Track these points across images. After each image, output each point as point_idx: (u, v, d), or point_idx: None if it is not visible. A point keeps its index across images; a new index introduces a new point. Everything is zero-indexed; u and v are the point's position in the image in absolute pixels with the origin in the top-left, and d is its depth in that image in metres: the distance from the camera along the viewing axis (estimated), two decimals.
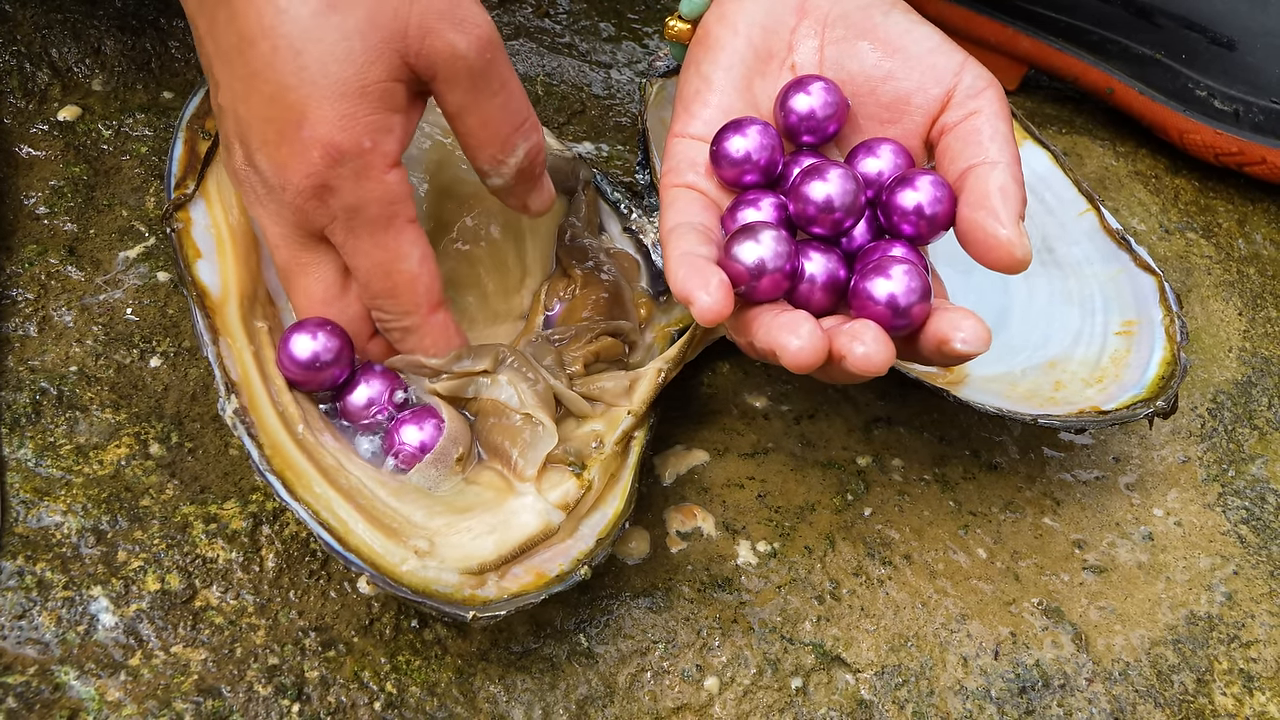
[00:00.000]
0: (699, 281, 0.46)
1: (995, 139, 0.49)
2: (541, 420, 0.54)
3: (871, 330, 0.45)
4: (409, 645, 0.52)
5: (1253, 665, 0.58)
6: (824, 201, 0.49)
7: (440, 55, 0.49)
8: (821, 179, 0.49)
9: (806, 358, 0.45)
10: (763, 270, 0.47)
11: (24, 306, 0.59)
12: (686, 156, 0.54)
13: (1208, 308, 0.74)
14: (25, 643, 0.49)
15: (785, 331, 0.45)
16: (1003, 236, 0.47)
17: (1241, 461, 0.67)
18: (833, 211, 0.49)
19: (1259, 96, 0.78)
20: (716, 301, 0.45)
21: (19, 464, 0.54)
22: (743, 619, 0.55)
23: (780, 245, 0.47)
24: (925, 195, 0.49)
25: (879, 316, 0.46)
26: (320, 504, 0.49)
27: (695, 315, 0.46)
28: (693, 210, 0.52)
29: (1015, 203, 0.47)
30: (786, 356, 0.45)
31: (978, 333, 0.45)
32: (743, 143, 0.51)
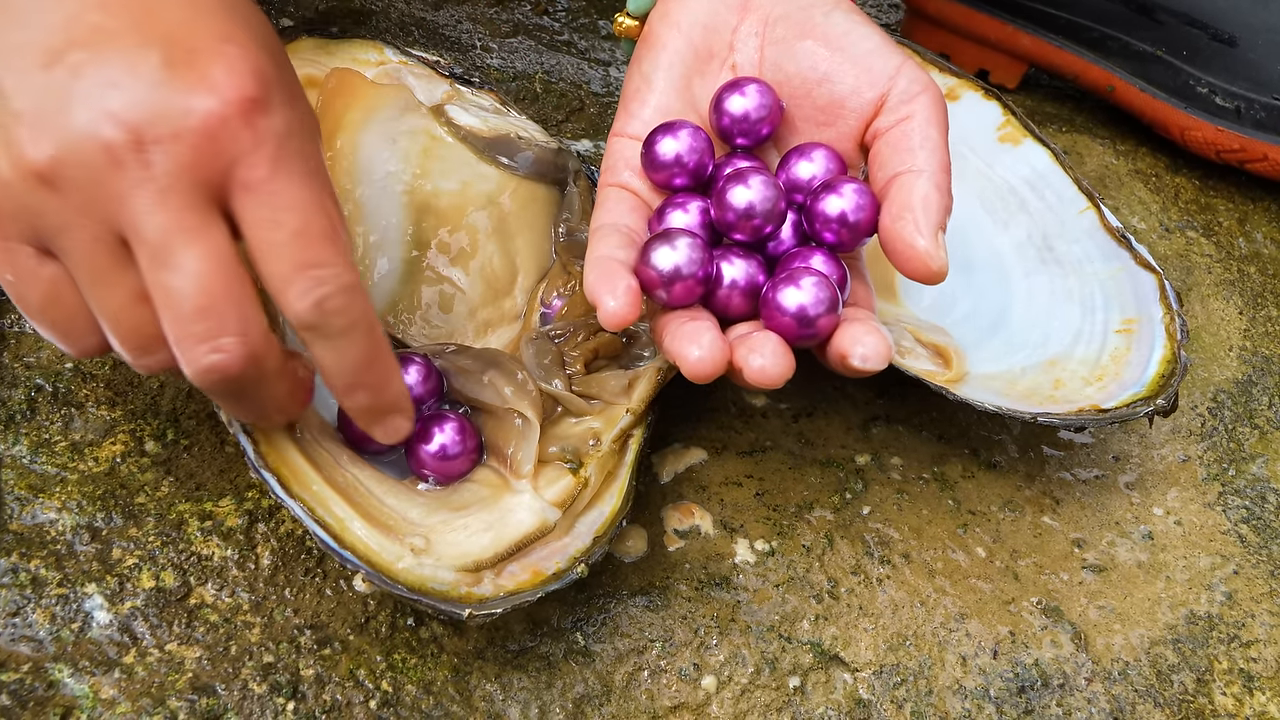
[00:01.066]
0: (607, 286, 0.47)
1: (924, 146, 0.49)
2: (525, 414, 0.54)
3: (771, 343, 0.46)
4: (405, 643, 0.52)
5: (1253, 665, 0.57)
6: (745, 208, 0.49)
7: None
8: (743, 185, 0.49)
9: (705, 369, 0.45)
10: (677, 277, 0.48)
11: None
12: (623, 156, 0.54)
13: (1208, 306, 0.74)
14: (19, 640, 0.49)
15: (687, 341, 0.46)
16: (920, 247, 0.47)
17: (1242, 460, 0.66)
18: (753, 218, 0.49)
19: (1260, 93, 0.77)
20: (621, 307, 0.46)
21: (14, 460, 0.54)
22: (740, 618, 0.55)
23: (695, 252, 0.48)
24: (848, 203, 0.49)
25: (786, 327, 0.47)
26: (316, 501, 0.49)
27: (600, 319, 0.47)
28: (621, 211, 0.52)
29: (936, 213, 0.48)
30: (685, 366, 0.46)
31: (878, 349, 0.46)
32: (673, 145, 0.52)
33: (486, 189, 0.62)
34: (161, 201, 0.40)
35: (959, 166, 0.71)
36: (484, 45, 0.81)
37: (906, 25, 0.90)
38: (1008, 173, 0.71)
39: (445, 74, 0.67)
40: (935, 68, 0.74)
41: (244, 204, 0.42)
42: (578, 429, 0.55)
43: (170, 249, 0.41)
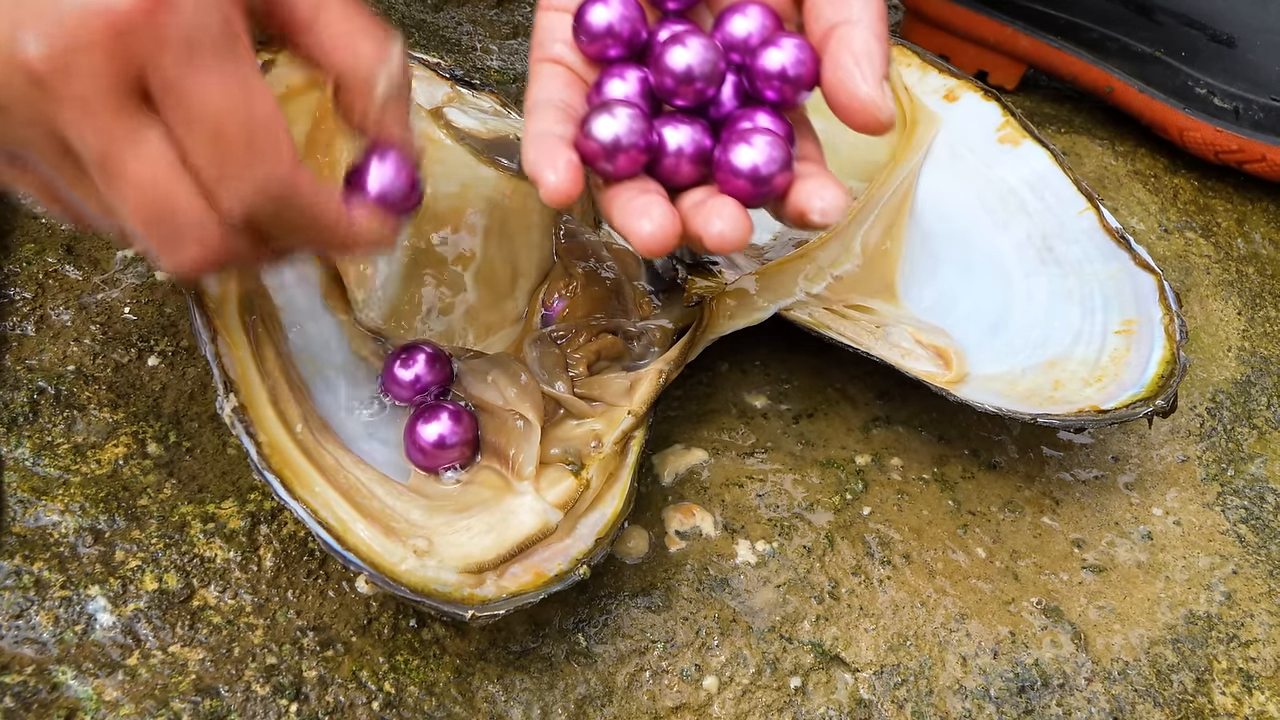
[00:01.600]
0: (548, 161, 0.45)
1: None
2: (526, 416, 0.54)
3: (729, 207, 0.45)
4: (407, 645, 0.52)
5: (1252, 664, 0.58)
6: (684, 71, 0.48)
7: None
8: (681, 47, 0.48)
9: (656, 243, 0.45)
10: (619, 147, 0.46)
11: (21, 305, 0.59)
12: (553, 29, 0.52)
13: (1207, 307, 0.74)
14: (23, 642, 0.49)
15: (637, 215, 0.45)
16: (864, 95, 0.46)
17: (1240, 461, 0.66)
18: (694, 81, 0.48)
19: (1259, 94, 0.77)
20: (563, 181, 0.45)
21: (16, 463, 0.54)
22: (741, 619, 0.55)
23: (636, 121, 0.47)
24: (789, 57, 0.48)
25: (741, 189, 0.46)
26: (319, 503, 0.49)
27: (542, 195, 0.45)
28: (555, 86, 0.50)
29: (878, 63, 0.47)
30: (637, 241, 0.45)
31: (836, 201, 0.45)
32: (605, 13, 0.50)
33: (486, 191, 0.62)
34: (86, 115, 0.39)
35: (958, 167, 0.72)
36: (484, 47, 0.81)
37: (905, 26, 0.90)
38: (1007, 173, 0.71)
39: (446, 76, 0.67)
40: (935, 68, 0.74)
41: (161, 108, 0.40)
42: (580, 430, 0.56)
43: (107, 164, 0.40)
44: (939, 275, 0.68)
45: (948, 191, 0.71)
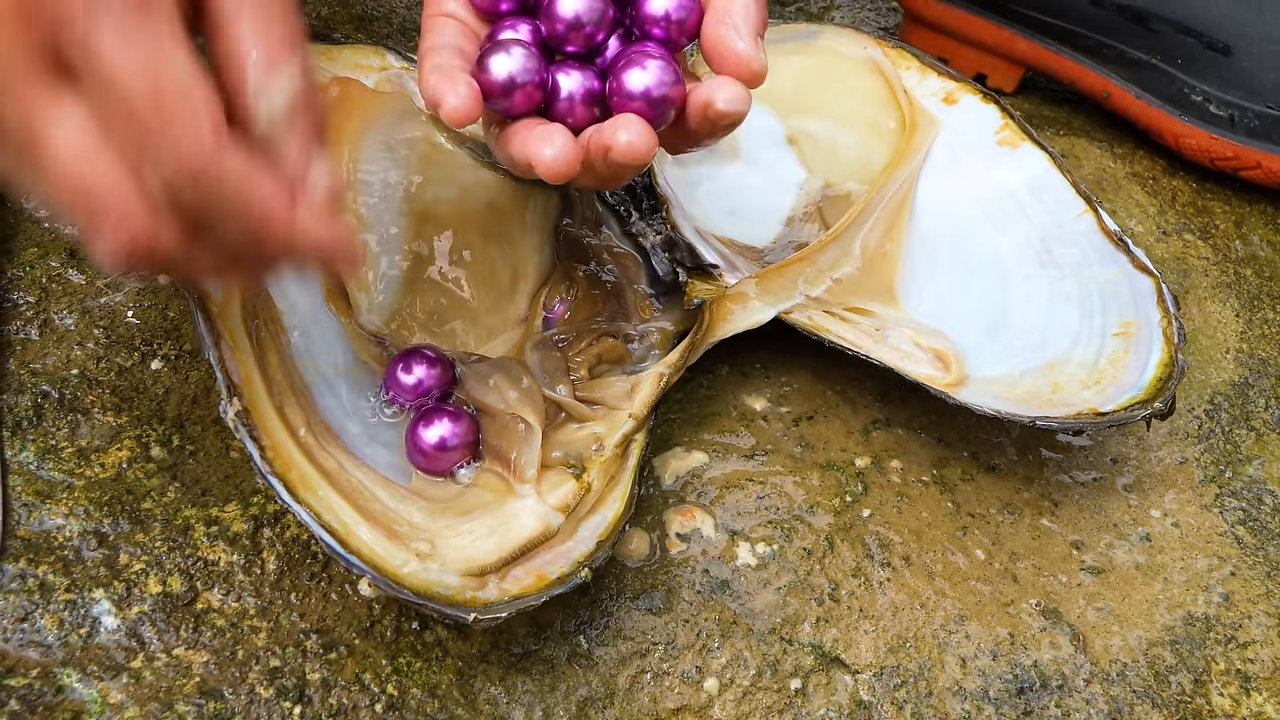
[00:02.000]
0: (448, 86, 0.47)
1: None
2: (527, 420, 0.54)
3: (633, 120, 0.46)
4: (410, 647, 0.52)
5: (1250, 666, 0.58)
6: (572, 18, 0.50)
7: None
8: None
9: (560, 166, 0.46)
10: (514, 84, 0.48)
11: (25, 310, 0.59)
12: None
13: (1205, 309, 0.75)
14: (28, 645, 0.49)
15: (540, 142, 0.46)
16: (740, 50, 0.48)
17: (1239, 463, 0.67)
18: (582, 27, 0.50)
19: (1254, 102, 0.78)
20: (463, 101, 0.46)
21: (21, 467, 0.54)
22: (742, 620, 0.55)
23: (530, 61, 0.49)
24: (672, 2, 0.50)
25: (640, 111, 0.48)
26: (322, 506, 0.50)
27: (444, 117, 0.47)
28: (450, 34, 0.51)
29: (754, 20, 0.49)
30: (541, 166, 0.46)
31: (737, 90, 0.47)
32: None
33: (486, 195, 0.62)
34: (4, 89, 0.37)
35: (957, 169, 0.72)
36: None
37: (904, 29, 0.91)
38: (1006, 176, 0.72)
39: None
40: (934, 71, 0.74)
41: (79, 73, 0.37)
42: (581, 434, 0.56)
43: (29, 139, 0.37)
44: (938, 277, 0.68)
45: (947, 194, 0.71)
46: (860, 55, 0.75)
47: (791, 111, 0.74)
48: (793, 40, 0.75)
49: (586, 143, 0.47)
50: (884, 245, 0.68)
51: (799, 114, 0.74)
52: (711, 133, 0.49)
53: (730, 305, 0.61)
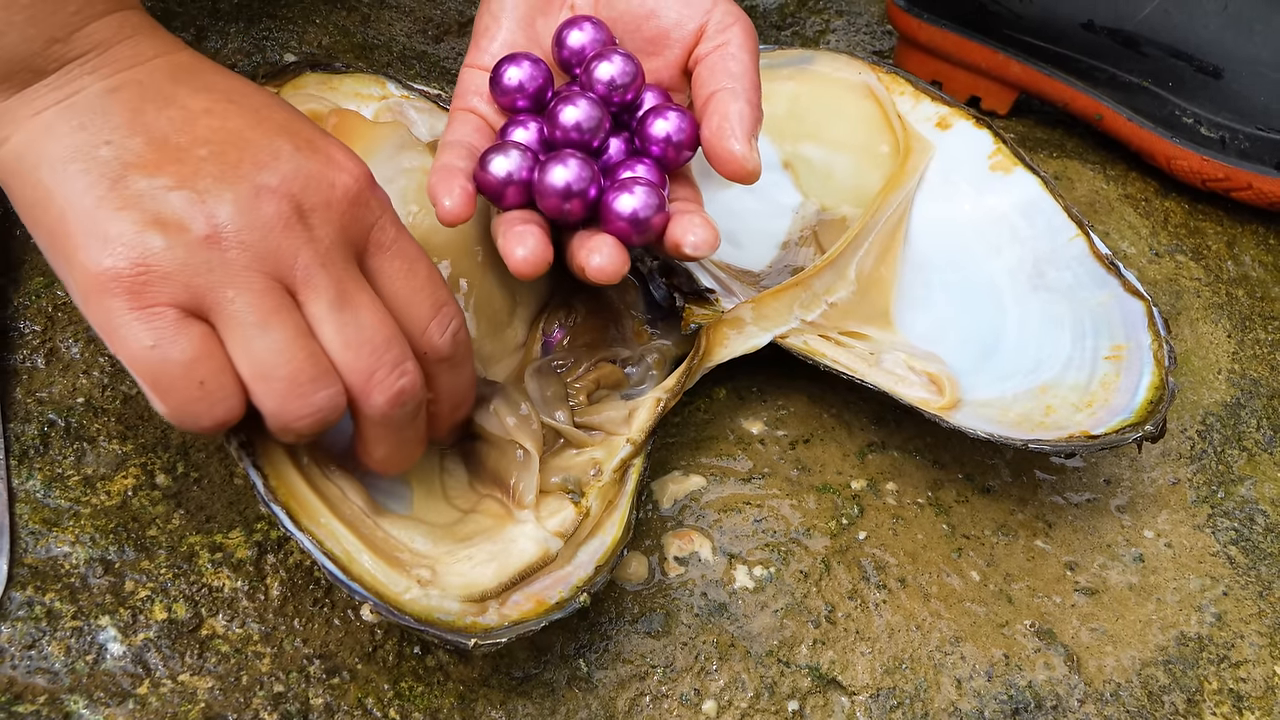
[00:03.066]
0: (445, 189, 0.53)
1: (737, 68, 0.57)
2: (525, 446, 0.55)
3: (607, 244, 0.53)
4: (412, 671, 0.53)
5: (1242, 685, 0.59)
6: (573, 125, 0.56)
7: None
8: (571, 105, 0.56)
9: (529, 267, 0.52)
10: (509, 181, 0.55)
11: (31, 338, 0.60)
12: (473, 84, 0.60)
13: (1197, 330, 0.75)
14: (35, 672, 0.50)
15: (515, 242, 0.53)
16: (737, 151, 0.55)
17: (1231, 483, 0.67)
18: (581, 133, 0.56)
19: (1244, 124, 0.79)
20: (456, 205, 0.53)
21: (28, 495, 0.55)
22: (740, 643, 0.56)
23: (526, 160, 0.55)
24: (672, 125, 0.57)
25: (623, 230, 0.54)
26: (324, 534, 0.50)
27: (439, 217, 0.53)
28: (466, 130, 0.59)
29: (749, 123, 0.55)
30: (511, 263, 0.52)
31: (706, 236, 0.53)
32: (516, 73, 0.58)
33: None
34: (329, 259, 0.47)
35: (950, 194, 0.73)
36: None
37: (899, 53, 0.92)
38: (999, 200, 0.72)
39: (445, 107, 0.68)
40: (928, 96, 0.75)
41: (381, 260, 0.49)
42: (579, 459, 0.57)
43: (346, 295, 0.47)
44: (932, 301, 0.69)
45: (941, 218, 0.72)
46: (855, 80, 0.76)
47: (787, 136, 0.75)
48: (788, 66, 0.76)
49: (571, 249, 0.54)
50: (879, 269, 0.69)
51: (794, 139, 0.75)
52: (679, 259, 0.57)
53: (727, 330, 0.62)
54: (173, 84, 0.48)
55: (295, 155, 0.47)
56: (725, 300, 0.65)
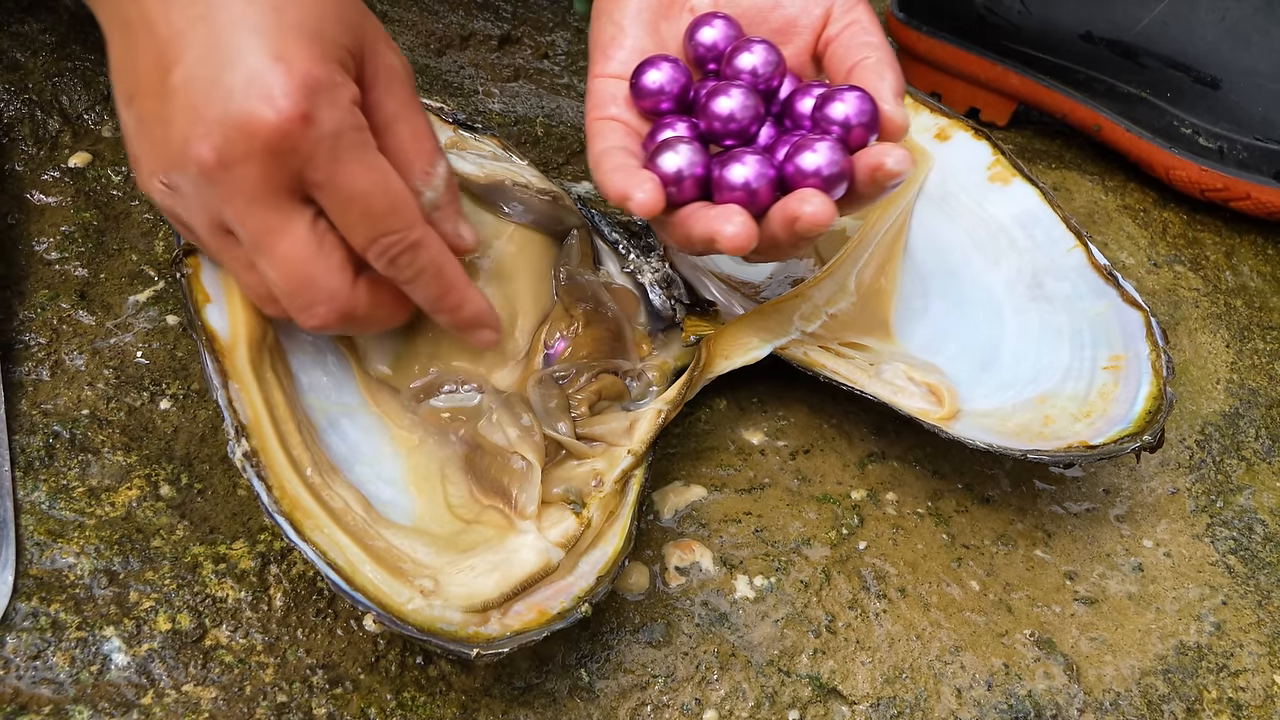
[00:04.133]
0: (635, 182, 0.53)
1: (873, 40, 0.58)
2: (527, 457, 0.55)
3: (814, 192, 0.52)
4: (414, 681, 0.53)
5: (1241, 694, 0.59)
6: (728, 115, 0.56)
7: (382, 66, 0.54)
8: (724, 96, 0.56)
9: (743, 240, 0.52)
10: (681, 177, 0.54)
11: (37, 351, 0.61)
12: (607, 93, 0.60)
13: (1195, 340, 0.76)
14: (40, 683, 0.50)
15: (720, 221, 0.52)
16: (888, 111, 0.55)
17: (1229, 492, 0.68)
18: (737, 123, 0.56)
19: (1242, 134, 0.79)
20: (650, 197, 0.53)
21: (33, 506, 0.55)
22: (740, 653, 0.56)
23: (696, 155, 0.54)
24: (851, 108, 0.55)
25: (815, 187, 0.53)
26: (328, 544, 0.51)
27: (634, 209, 0.53)
28: (615, 137, 0.58)
29: (897, 85, 0.56)
30: (725, 241, 0.52)
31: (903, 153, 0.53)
32: (657, 75, 0.58)
33: (484, 235, 0.63)
34: (248, 210, 0.50)
35: (949, 205, 0.73)
36: (486, 90, 0.83)
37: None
38: (998, 211, 0.73)
39: (449, 120, 0.68)
40: (927, 108, 0.75)
41: (317, 197, 0.50)
42: (581, 470, 0.57)
43: (259, 245, 0.50)
44: (931, 312, 0.69)
45: (940, 229, 0.73)
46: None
47: None
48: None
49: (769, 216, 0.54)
50: (879, 281, 0.69)
51: None
52: (876, 194, 0.55)
53: (727, 342, 0.63)
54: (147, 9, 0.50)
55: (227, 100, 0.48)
56: (726, 312, 0.66)
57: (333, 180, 0.50)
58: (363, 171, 0.50)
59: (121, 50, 0.52)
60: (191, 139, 0.48)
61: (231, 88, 0.48)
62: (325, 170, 0.49)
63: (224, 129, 0.48)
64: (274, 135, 0.48)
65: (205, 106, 0.48)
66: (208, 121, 0.48)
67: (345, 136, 0.50)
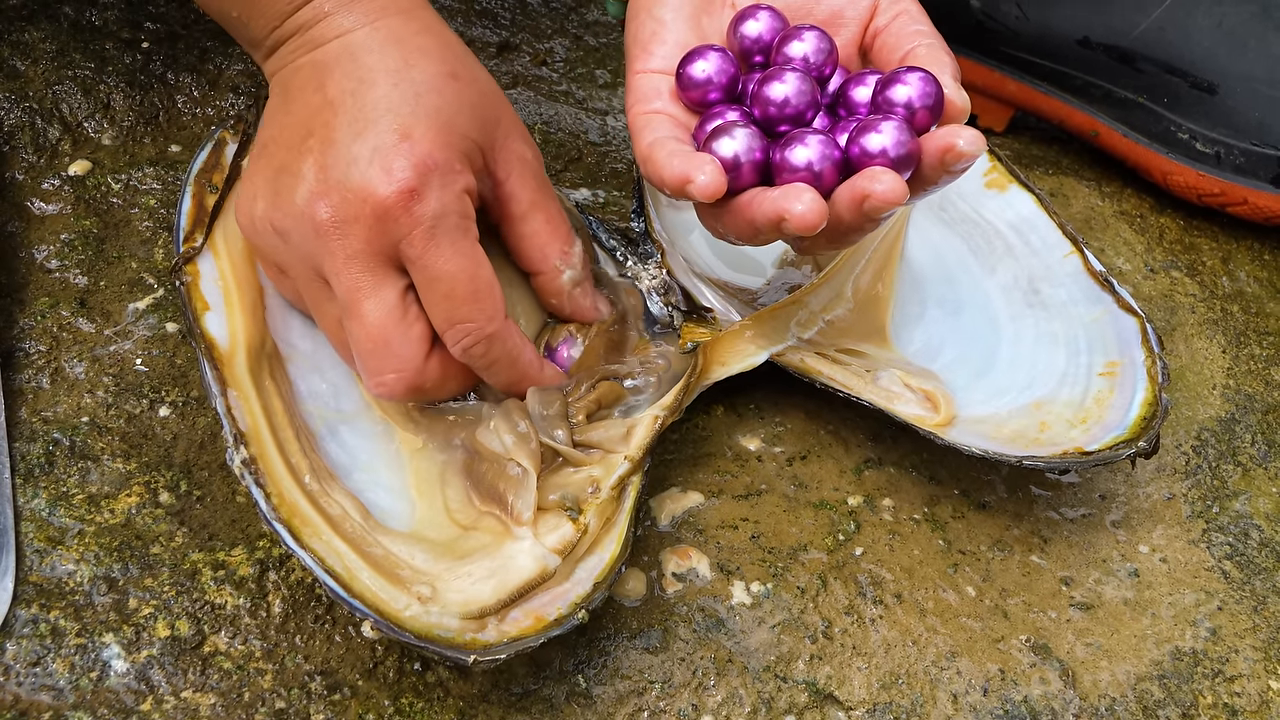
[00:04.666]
0: (695, 165, 0.52)
1: (921, 29, 0.57)
2: (523, 464, 0.56)
3: (884, 170, 0.50)
4: (412, 688, 0.53)
5: (1237, 700, 0.59)
6: (782, 100, 0.54)
7: (515, 157, 0.59)
8: (778, 82, 0.54)
9: (814, 218, 0.50)
10: (739, 162, 0.53)
11: (36, 358, 0.61)
12: (651, 87, 0.59)
13: (1192, 346, 0.76)
14: (39, 689, 0.50)
15: (789, 199, 0.50)
16: (950, 95, 0.54)
17: (1225, 498, 0.68)
18: (792, 109, 0.54)
19: (1239, 139, 0.79)
20: (712, 179, 0.51)
21: (33, 514, 0.55)
22: (737, 659, 0.56)
23: (753, 139, 0.53)
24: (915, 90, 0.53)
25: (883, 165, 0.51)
26: (326, 551, 0.51)
27: (696, 192, 0.51)
28: (665, 128, 0.57)
29: (953, 69, 0.55)
30: (793, 219, 0.50)
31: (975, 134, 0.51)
32: (705, 66, 0.57)
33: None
34: (345, 267, 0.54)
35: (946, 212, 0.73)
36: None
37: None
38: (994, 217, 0.73)
39: None
40: None
41: (410, 271, 0.54)
42: (578, 476, 0.57)
43: (349, 302, 0.54)
44: (928, 318, 0.70)
45: (937, 235, 0.73)
46: None
47: None
48: None
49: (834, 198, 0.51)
50: (875, 287, 0.69)
51: None
52: (944, 178, 0.52)
53: (724, 349, 0.63)
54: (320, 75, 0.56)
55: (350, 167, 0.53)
56: (723, 319, 0.66)
57: (424, 257, 0.53)
58: (453, 255, 0.54)
59: (279, 102, 0.58)
60: (314, 196, 0.53)
61: (358, 156, 0.53)
62: (420, 246, 0.53)
63: (342, 192, 0.53)
64: (381, 204, 0.53)
65: (332, 168, 0.53)
66: (330, 182, 0.53)
67: (447, 219, 0.54)
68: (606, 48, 0.90)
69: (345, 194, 0.53)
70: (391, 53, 0.56)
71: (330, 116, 0.55)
